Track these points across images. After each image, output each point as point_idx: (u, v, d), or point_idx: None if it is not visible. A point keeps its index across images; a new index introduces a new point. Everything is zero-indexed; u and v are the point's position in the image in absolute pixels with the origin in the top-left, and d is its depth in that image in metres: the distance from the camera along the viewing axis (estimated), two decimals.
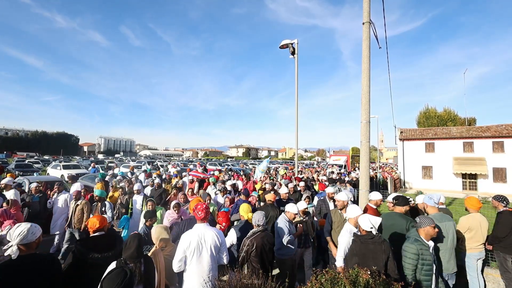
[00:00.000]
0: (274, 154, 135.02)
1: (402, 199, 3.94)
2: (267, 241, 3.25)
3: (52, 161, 28.72)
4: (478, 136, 19.79)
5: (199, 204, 3.09)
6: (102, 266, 2.44)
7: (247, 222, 3.98)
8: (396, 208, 3.89)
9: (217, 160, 50.30)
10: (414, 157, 22.00)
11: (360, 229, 3.05)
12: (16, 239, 2.20)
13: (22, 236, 2.22)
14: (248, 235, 3.25)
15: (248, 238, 3.19)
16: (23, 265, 2.19)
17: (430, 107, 36.99)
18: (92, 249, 2.66)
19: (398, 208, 3.86)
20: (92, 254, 2.61)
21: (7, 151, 65.85)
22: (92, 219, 2.92)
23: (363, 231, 3.01)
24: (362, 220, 3.07)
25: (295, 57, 10.60)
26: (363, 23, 5.71)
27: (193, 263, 2.78)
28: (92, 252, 2.63)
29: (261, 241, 3.14)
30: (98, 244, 2.75)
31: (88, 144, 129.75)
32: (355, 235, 3.10)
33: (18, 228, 2.25)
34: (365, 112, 5.54)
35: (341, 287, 2.00)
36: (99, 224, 2.88)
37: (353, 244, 3.03)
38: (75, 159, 46.01)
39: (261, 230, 3.27)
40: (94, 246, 2.70)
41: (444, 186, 20.03)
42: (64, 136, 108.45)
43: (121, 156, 75.54)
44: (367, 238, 2.96)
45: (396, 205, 3.92)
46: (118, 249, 2.74)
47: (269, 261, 3.31)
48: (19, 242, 2.20)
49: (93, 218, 2.94)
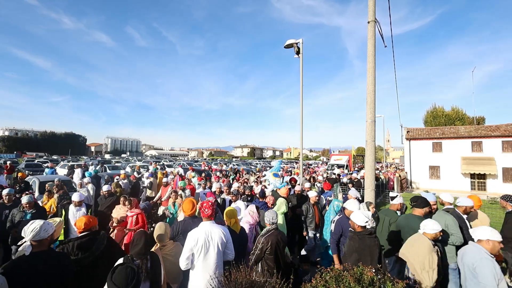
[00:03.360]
0: (279, 154, 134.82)
1: (421, 201, 3.73)
2: (281, 239, 3.30)
3: (60, 161, 29.21)
4: (487, 135, 19.42)
5: (205, 202, 3.13)
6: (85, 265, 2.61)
7: (229, 228, 3.69)
8: (415, 210, 3.74)
9: (222, 160, 50.48)
10: (421, 156, 21.70)
11: (355, 226, 3.10)
12: (29, 236, 2.27)
13: (35, 232, 2.29)
14: (263, 233, 3.30)
15: (263, 236, 3.23)
16: (35, 261, 2.26)
17: (438, 106, 36.44)
18: (78, 248, 2.75)
19: (417, 210, 3.71)
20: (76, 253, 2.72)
21: (17, 151, 67.47)
22: (79, 220, 2.98)
23: (358, 228, 3.06)
24: (356, 217, 3.14)
25: (300, 56, 10.59)
26: (368, 22, 5.69)
27: (199, 261, 2.81)
28: (77, 251, 2.73)
29: (276, 239, 3.18)
30: (82, 244, 2.81)
31: (95, 144, 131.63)
32: (352, 232, 3.17)
33: (31, 225, 2.33)
34: (371, 111, 5.53)
35: (346, 284, 2.01)
36: (84, 226, 2.93)
37: (351, 240, 3.08)
38: (83, 159, 46.75)
39: (274, 228, 3.32)
40: (78, 246, 2.78)
41: (452, 186, 19.71)
42: (72, 136, 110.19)
43: (128, 156, 76.38)
44: (364, 234, 3.05)
45: (415, 207, 3.77)
46: (94, 249, 2.79)
47: (283, 258, 3.34)
48: (31, 238, 2.28)
49: (81, 218, 3.00)
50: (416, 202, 3.76)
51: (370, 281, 1.99)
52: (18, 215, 4.52)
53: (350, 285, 2.00)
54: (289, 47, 10.57)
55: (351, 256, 2.97)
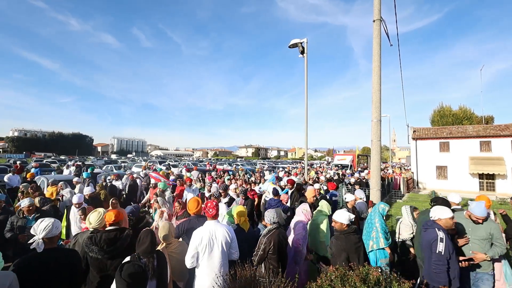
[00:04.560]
0: (283, 154, 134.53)
1: (442, 202, 3.50)
2: (283, 238, 3.29)
3: (68, 161, 29.70)
4: (496, 135, 19.06)
5: (209, 202, 3.15)
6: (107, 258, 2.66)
7: (239, 226, 3.75)
8: None
9: (226, 160, 50.61)
10: (428, 156, 21.40)
11: (339, 225, 3.18)
12: (42, 233, 2.32)
13: (48, 230, 2.35)
14: (264, 233, 3.28)
15: (265, 236, 3.22)
16: (47, 258, 2.31)
17: (445, 105, 35.85)
18: (104, 240, 2.81)
19: None
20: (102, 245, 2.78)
21: (27, 152, 68.88)
22: (109, 213, 3.06)
23: (343, 226, 3.14)
24: (339, 215, 3.21)
25: (304, 56, 10.57)
26: (374, 21, 5.65)
27: (204, 259, 2.85)
28: (103, 243, 2.80)
29: (278, 238, 3.17)
30: (109, 237, 2.87)
31: (102, 144, 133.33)
32: (338, 231, 3.21)
33: (43, 222, 2.39)
34: (376, 111, 5.48)
35: (352, 284, 2.01)
36: (114, 218, 3.00)
37: (338, 240, 3.14)
38: (90, 159, 47.42)
39: (276, 227, 3.31)
40: (106, 238, 2.84)
41: (460, 187, 19.39)
42: (79, 136, 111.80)
43: (133, 156, 77.18)
44: (349, 232, 3.13)
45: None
46: (118, 245, 2.85)
47: (286, 257, 3.34)
48: (44, 236, 2.33)
49: (110, 211, 3.09)
50: (436, 202, 3.58)
51: (376, 281, 1.98)
52: (19, 223, 4.05)
53: (356, 284, 1.99)
54: (294, 46, 10.57)
55: (341, 256, 2.98)
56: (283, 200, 5.39)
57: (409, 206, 4.65)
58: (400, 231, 4.51)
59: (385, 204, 4.76)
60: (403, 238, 4.42)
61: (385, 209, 4.59)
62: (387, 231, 4.35)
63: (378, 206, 4.74)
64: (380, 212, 4.54)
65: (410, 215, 4.43)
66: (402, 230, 4.45)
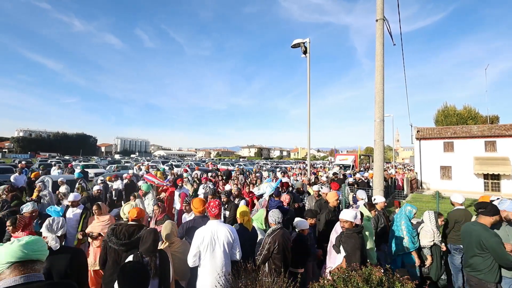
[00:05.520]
0: (286, 154, 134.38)
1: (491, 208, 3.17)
2: (287, 238, 3.30)
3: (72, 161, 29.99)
4: (501, 134, 18.84)
5: (212, 201, 3.18)
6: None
7: (242, 225, 3.71)
8: (481, 218, 3.21)
9: (229, 160, 50.69)
10: (432, 156, 21.23)
11: (349, 224, 3.18)
12: (59, 231, 2.41)
13: (63, 228, 2.48)
14: (268, 233, 3.30)
15: (269, 236, 3.24)
16: (58, 254, 2.36)
17: (449, 105, 35.51)
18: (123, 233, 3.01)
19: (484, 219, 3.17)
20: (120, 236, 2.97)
21: (31, 152, 69.66)
22: (132, 210, 3.27)
23: (353, 225, 3.18)
24: (347, 214, 3.20)
25: (307, 56, 10.55)
26: (377, 20, 5.63)
27: (206, 259, 2.86)
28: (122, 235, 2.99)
29: (282, 238, 3.19)
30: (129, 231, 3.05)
31: (106, 144, 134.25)
32: (349, 230, 3.19)
33: (55, 221, 2.47)
34: (379, 111, 5.46)
35: (354, 284, 2.00)
36: (137, 215, 3.21)
37: (352, 239, 3.10)
38: (94, 159, 47.81)
39: (280, 227, 3.32)
40: (126, 231, 3.03)
41: (464, 187, 19.20)
42: (83, 137, 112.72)
43: (137, 156, 77.60)
44: (360, 230, 3.17)
45: (482, 214, 3.19)
46: (134, 240, 2.96)
47: (289, 258, 3.34)
48: (61, 233, 2.45)
49: (133, 209, 3.29)
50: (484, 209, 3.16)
51: (378, 281, 1.97)
52: None
53: (359, 285, 1.98)
54: (296, 46, 10.56)
55: (356, 254, 2.95)
56: (284, 201, 5.40)
57: (433, 211, 4.40)
58: (419, 237, 4.28)
59: (412, 206, 4.52)
60: (422, 245, 4.19)
61: (412, 212, 4.40)
62: (414, 235, 4.22)
63: (405, 208, 4.52)
64: (406, 214, 4.39)
65: (434, 221, 4.21)
66: (422, 236, 4.23)
